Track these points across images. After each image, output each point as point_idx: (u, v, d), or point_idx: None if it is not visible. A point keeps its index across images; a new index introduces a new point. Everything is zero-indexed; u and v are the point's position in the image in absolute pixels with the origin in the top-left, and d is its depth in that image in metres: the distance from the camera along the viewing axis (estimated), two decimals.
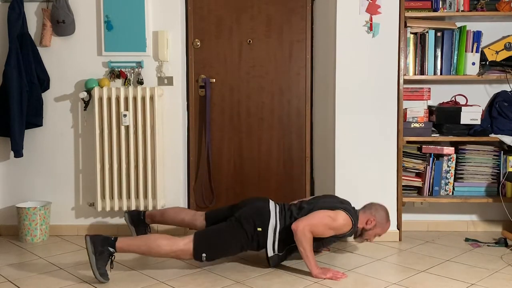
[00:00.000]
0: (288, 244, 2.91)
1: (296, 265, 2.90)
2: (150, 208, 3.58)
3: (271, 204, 3.01)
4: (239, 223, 2.91)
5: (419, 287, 2.67)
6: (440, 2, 3.48)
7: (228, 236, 2.91)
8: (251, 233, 2.89)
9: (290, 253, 2.98)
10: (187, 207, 3.86)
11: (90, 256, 2.72)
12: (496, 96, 3.68)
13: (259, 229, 2.89)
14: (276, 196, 3.71)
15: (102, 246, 2.73)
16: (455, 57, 3.54)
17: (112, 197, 3.61)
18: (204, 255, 2.85)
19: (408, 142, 3.59)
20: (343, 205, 2.99)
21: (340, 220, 2.87)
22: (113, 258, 2.79)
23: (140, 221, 3.39)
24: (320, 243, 2.98)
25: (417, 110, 3.53)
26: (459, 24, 3.55)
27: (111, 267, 2.78)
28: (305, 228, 2.77)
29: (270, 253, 2.91)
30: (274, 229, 2.91)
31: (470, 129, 3.55)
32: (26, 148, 3.65)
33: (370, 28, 3.44)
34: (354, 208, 3.06)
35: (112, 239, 2.78)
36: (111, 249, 2.76)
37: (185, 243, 2.84)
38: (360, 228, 3.04)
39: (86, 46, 3.68)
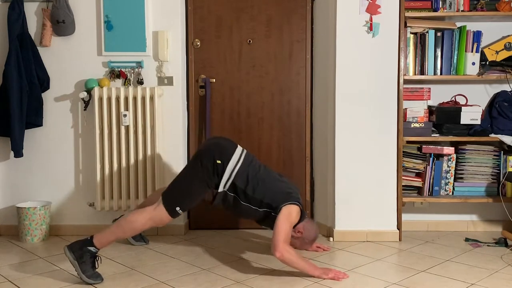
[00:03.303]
0: (235, 193, 2.91)
1: None
2: None
3: (239, 148, 3.00)
4: (198, 160, 2.90)
5: (419, 287, 2.67)
6: (440, 2, 3.48)
7: (190, 178, 2.90)
8: (211, 166, 2.86)
9: (235, 206, 2.95)
10: None
11: (73, 263, 2.72)
12: (496, 96, 3.68)
13: (219, 161, 2.87)
14: None
15: (80, 250, 2.72)
16: (455, 57, 3.54)
17: (112, 197, 3.61)
18: (177, 208, 2.84)
19: (408, 142, 3.60)
20: (293, 196, 2.92)
21: (293, 213, 2.86)
22: (97, 258, 2.77)
23: None
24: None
25: (417, 110, 3.53)
26: (459, 24, 3.56)
27: (96, 267, 2.76)
28: (285, 248, 2.73)
29: (221, 188, 2.90)
30: (233, 169, 2.89)
31: (470, 129, 3.55)
32: (26, 148, 3.65)
33: (370, 28, 3.44)
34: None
35: (88, 238, 2.76)
36: (91, 249, 2.73)
37: (155, 207, 2.84)
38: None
39: (86, 46, 3.68)
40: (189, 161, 2.99)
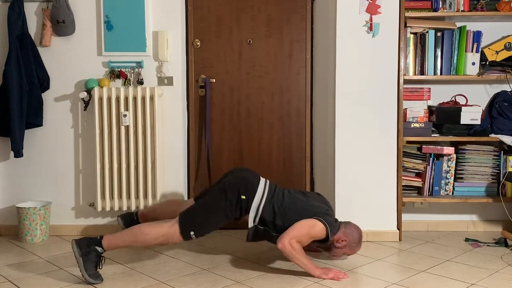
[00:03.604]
0: (265, 225, 2.91)
1: (296, 265, 2.90)
2: None
3: (262, 180, 3.00)
4: (223, 192, 2.89)
5: (419, 287, 2.67)
6: (440, 2, 3.48)
7: (211, 207, 2.89)
8: (235, 200, 2.87)
9: (270, 238, 2.95)
10: None
11: (77, 259, 2.72)
12: (496, 96, 3.68)
13: (243, 197, 2.88)
14: None
15: (88, 247, 2.72)
16: (455, 57, 3.54)
17: (112, 197, 3.61)
18: (192, 232, 2.84)
19: (408, 142, 3.60)
20: (320, 213, 2.92)
21: (317, 227, 2.85)
22: (102, 259, 2.78)
23: (134, 223, 3.33)
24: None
25: (417, 110, 3.53)
26: (459, 24, 3.56)
27: (99, 267, 2.77)
28: (291, 242, 2.75)
29: (250, 223, 2.91)
30: (259, 204, 2.89)
31: (470, 129, 3.55)
32: (26, 148, 3.65)
33: (370, 28, 3.44)
34: (336, 219, 3.03)
35: (98, 238, 2.77)
36: (98, 248, 2.74)
37: (170, 225, 2.83)
38: (330, 243, 2.99)
39: (86, 46, 3.68)
40: (213, 190, 2.98)
